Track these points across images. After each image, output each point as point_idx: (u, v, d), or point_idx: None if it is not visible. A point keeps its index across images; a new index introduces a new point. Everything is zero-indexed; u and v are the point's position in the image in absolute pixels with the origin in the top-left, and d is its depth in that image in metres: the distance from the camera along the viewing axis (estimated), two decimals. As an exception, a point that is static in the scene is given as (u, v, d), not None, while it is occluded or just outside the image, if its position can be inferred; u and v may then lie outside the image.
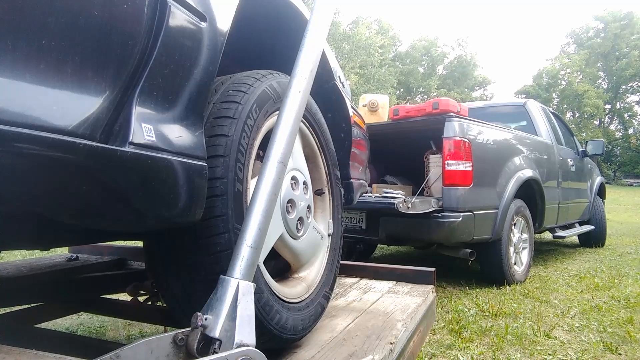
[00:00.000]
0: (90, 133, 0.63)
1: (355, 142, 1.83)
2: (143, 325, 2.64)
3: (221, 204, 0.91)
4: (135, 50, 0.70)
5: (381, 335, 1.25)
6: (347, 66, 25.68)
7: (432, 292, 1.83)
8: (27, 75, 0.55)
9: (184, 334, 0.73)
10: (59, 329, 2.41)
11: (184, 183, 0.79)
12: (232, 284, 0.76)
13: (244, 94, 1.03)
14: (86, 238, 1.29)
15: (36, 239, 1.10)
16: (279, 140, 0.89)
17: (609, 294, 3.52)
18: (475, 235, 3.44)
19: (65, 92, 0.60)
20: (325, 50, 1.51)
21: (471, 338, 2.50)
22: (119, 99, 0.69)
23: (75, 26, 0.61)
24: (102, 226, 0.89)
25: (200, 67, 0.85)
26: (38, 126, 0.55)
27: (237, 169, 0.96)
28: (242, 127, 0.99)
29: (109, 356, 0.62)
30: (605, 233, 6.33)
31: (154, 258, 1.02)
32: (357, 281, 2.01)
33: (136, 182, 0.72)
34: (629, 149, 40.52)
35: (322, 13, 1.02)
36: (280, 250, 1.20)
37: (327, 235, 1.44)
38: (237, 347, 0.72)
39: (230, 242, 0.91)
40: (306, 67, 0.97)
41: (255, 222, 0.81)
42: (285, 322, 1.07)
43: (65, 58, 0.60)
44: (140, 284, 1.72)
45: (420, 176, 3.98)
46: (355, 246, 4.40)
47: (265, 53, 1.49)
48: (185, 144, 0.81)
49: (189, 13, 0.81)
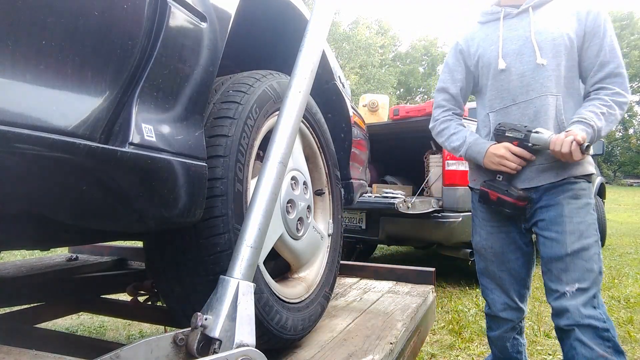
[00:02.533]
0: (90, 133, 0.63)
1: (355, 142, 1.83)
2: (143, 325, 2.64)
3: (221, 204, 0.91)
4: (135, 51, 0.70)
5: (381, 335, 1.25)
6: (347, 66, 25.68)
7: (432, 292, 1.83)
8: (27, 75, 0.55)
9: (184, 334, 0.73)
10: (59, 329, 2.41)
11: (184, 183, 0.79)
12: (232, 284, 0.76)
13: (244, 94, 1.03)
14: (86, 238, 1.29)
15: (36, 239, 1.10)
16: (279, 140, 0.89)
17: (609, 294, 3.52)
18: (475, 235, 3.43)
19: (65, 93, 0.60)
20: (325, 50, 1.51)
21: (471, 338, 2.50)
22: (119, 99, 0.69)
23: (75, 26, 0.61)
24: (102, 226, 0.89)
25: (201, 67, 0.85)
26: (38, 127, 0.55)
27: (237, 169, 0.96)
28: (242, 127, 0.99)
29: (109, 356, 0.62)
30: (605, 233, 6.33)
31: (154, 258, 1.02)
32: (357, 281, 2.01)
33: (136, 183, 0.72)
34: (629, 149, 40.53)
35: (322, 13, 1.02)
36: (280, 251, 1.20)
37: (327, 236, 1.44)
38: (237, 347, 0.72)
39: (230, 242, 0.91)
40: (306, 67, 0.97)
41: (255, 222, 0.81)
42: (285, 322, 1.07)
43: (65, 58, 0.60)
44: (140, 284, 1.72)
45: (420, 176, 3.98)
46: (355, 246, 4.40)
47: (266, 53, 1.49)
48: (185, 144, 0.81)
49: (189, 13, 0.81)
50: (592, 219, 1.45)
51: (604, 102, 1.42)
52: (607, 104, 1.42)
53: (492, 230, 1.64)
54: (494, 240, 1.64)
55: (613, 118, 1.42)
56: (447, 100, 1.74)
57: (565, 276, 1.42)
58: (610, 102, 1.42)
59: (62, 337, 1.59)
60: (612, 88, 1.44)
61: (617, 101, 1.43)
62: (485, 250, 1.66)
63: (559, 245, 1.43)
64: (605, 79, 1.46)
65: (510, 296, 1.64)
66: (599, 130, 1.38)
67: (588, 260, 1.41)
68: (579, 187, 1.47)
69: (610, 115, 1.41)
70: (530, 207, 1.53)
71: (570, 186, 1.47)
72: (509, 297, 1.64)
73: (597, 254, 1.43)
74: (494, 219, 1.63)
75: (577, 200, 1.45)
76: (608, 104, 1.42)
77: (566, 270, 1.42)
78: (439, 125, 1.74)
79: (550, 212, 1.48)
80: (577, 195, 1.46)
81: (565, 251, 1.42)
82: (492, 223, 1.64)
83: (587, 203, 1.47)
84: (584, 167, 1.48)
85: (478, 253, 1.71)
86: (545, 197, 1.50)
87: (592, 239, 1.43)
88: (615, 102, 1.42)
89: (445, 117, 1.73)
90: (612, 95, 1.43)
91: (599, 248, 1.45)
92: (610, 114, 1.41)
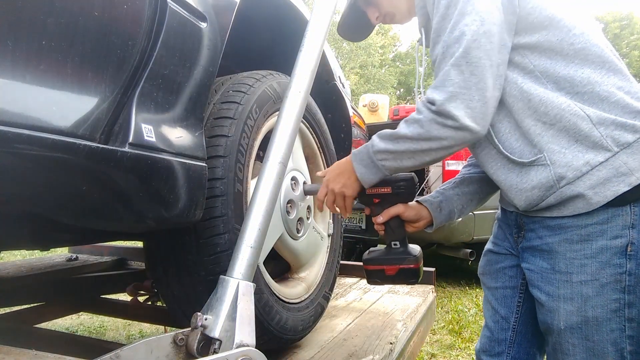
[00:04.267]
0: (90, 134, 0.63)
1: (355, 142, 1.83)
2: (143, 325, 2.64)
3: (221, 205, 0.91)
4: (135, 51, 0.70)
5: (381, 335, 1.25)
6: (347, 66, 25.67)
7: (432, 292, 1.83)
8: (27, 76, 0.55)
9: (184, 334, 0.73)
10: (59, 329, 2.41)
11: (184, 183, 0.79)
12: (232, 284, 0.76)
13: (244, 95, 1.03)
14: (86, 238, 1.29)
15: (36, 239, 1.10)
16: (279, 140, 0.89)
17: None
18: (475, 235, 3.44)
19: (65, 93, 0.60)
20: (325, 50, 1.51)
21: (471, 338, 2.50)
22: (119, 100, 0.69)
23: (75, 27, 0.61)
24: (101, 226, 0.89)
25: (200, 67, 0.85)
26: (38, 127, 0.55)
27: (237, 170, 0.96)
28: (242, 127, 0.99)
29: (109, 356, 0.62)
30: None
31: (154, 258, 1.02)
32: (357, 281, 2.01)
33: (136, 183, 0.72)
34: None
35: (322, 13, 1.02)
36: (280, 251, 1.20)
37: (327, 236, 1.44)
38: (237, 347, 0.72)
39: (230, 243, 0.91)
40: (306, 68, 0.97)
41: (255, 223, 0.81)
42: (285, 322, 1.07)
43: (65, 59, 0.60)
44: (140, 284, 1.72)
45: (420, 176, 3.98)
46: (355, 246, 4.41)
47: (266, 53, 1.49)
48: (185, 145, 0.81)
49: (189, 14, 0.81)
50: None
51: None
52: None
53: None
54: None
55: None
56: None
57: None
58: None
59: (62, 337, 1.59)
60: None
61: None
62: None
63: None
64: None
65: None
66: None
67: None
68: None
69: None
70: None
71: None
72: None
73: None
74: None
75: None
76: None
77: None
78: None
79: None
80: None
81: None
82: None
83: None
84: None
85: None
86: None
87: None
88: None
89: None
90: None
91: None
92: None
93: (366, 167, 0.95)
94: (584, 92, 0.85)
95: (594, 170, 0.82)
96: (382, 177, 0.97)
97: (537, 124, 0.86)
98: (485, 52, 0.81)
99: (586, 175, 0.82)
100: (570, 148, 0.84)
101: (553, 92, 0.86)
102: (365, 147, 0.95)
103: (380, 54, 30.85)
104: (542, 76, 0.87)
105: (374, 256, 1.07)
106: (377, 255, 1.07)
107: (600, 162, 0.82)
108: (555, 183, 0.85)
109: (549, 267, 0.90)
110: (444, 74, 0.83)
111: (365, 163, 0.95)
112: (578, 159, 0.83)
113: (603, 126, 0.83)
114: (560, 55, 0.86)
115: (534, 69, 0.87)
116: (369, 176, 0.96)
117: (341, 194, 1.00)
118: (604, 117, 0.83)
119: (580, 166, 0.82)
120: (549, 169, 0.85)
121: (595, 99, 0.84)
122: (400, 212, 1.03)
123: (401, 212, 1.03)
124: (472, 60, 0.81)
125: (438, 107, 0.83)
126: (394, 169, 0.93)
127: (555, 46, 0.86)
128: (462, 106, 0.81)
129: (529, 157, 0.88)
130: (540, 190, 0.87)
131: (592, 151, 0.82)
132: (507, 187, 0.93)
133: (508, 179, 0.92)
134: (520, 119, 0.88)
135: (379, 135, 0.93)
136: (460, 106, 0.81)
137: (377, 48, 29.21)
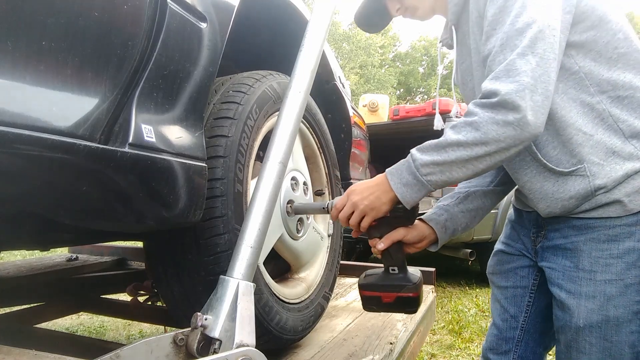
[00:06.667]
0: (90, 134, 0.63)
1: (355, 142, 1.83)
2: (143, 325, 2.64)
3: (221, 205, 0.91)
4: (135, 51, 0.70)
5: (381, 335, 1.25)
6: (347, 66, 25.67)
7: (432, 292, 1.83)
8: (27, 76, 0.55)
9: (184, 334, 0.73)
10: (59, 329, 2.41)
11: (184, 184, 0.80)
12: (232, 284, 0.76)
13: (244, 95, 1.03)
14: (86, 238, 1.29)
15: (36, 239, 1.11)
16: (278, 140, 0.89)
17: None
18: (475, 235, 3.44)
19: (65, 94, 0.60)
20: (325, 50, 1.52)
21: (471, 338, 2.50)
22: (119, 100, 0.69)
23: (75, 27, 0.61)
24: (101, 226, 0.89)
25: (200, 67, 0.85)
26: (38, 127, 0.56)
27: (237, 170, 0.96)
28: (242, 127, 0.99)
29: (109, 356, 0.62)
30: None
31: (154, 258, 1.03)
32: (357, 281, 2.01)
33: (136, 183, 0.72)
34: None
35: (322, 13, 1.02)
36: (280, 251, 1.20)
37: (327, 236, 1.44)
38: (237, 347, 0.72)
39: (230, 243, 0.91)
40: (306, 68, 0.97)
41: (255, 223, 0.81)
42: (285, 322, 1.07)
43: (65, 59, 0.60)
44: (140, 284, 1.72)
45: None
46: (355, 246, 4.41)
47: (266, 53, 1.49)
48: (185, 145, 0.81)
49: (189, 14, 0.81)
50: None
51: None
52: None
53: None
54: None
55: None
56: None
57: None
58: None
59: (62, 337, 1.59)
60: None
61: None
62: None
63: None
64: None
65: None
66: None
67: None
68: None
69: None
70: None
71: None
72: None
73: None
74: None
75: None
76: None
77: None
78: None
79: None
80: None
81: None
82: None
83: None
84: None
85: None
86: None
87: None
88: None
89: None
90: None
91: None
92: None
93: (406, 185, 0.87)
94: (625, 97, 0.85)
95: (629, 179, 0.84)
96: (426, 194, 0.89)
97: (579, 134, 0.86)
98: (550, 45, 0.78)
99: (622, 184, 0.84)
100: (607, 160, 0.85)
101: (594, 97, 0.86)
102: (404, 163, 0.89)
103: (380, 54, 30.86)
104: (586, 78, 0.86)
105: (371, 282, 1.00)
106: (374, 280, 1.00)
107: (637, 171, 0.84)
108: (592, 193, 0.86)
109: (572, 265, 0.90)
110: (509, 64, 0.78)
111: (406, 181, 0.87)
112: (616, 171, 0.84)
113: (636, 139, 0.85)
114: (605, 58, 0.85)
115: (579, 70, 0.86)
116: (411, 194, 0.88)
117: (363, 212, 0.92)
118: (636, 131, 0.85)
119: (619, 178, 0.84)
120: (587, 180, 0.86)
121: (634, 104, 0.85)
122: (402, 237, 0.98)
123: (403, 236, 0.98)
124: (538, 52, 0.77)
125: (502, 97, 0.76)
126: (441, 183, 0.85)
127: (600, 48, 0.85)
128: (528, 97, 0.76)
129: (567, 167, 0.88)
130: (578, 200, 0.88)
131: (629, 162, 0.84)
132: (541, 196, 0.92)
133: (544, 187, 0.91)
134: (562, 126, 0.87)
135: (419, 149, 0.87)
136: (527, 97, 0.75)
137: (377, 48, 29.21)
